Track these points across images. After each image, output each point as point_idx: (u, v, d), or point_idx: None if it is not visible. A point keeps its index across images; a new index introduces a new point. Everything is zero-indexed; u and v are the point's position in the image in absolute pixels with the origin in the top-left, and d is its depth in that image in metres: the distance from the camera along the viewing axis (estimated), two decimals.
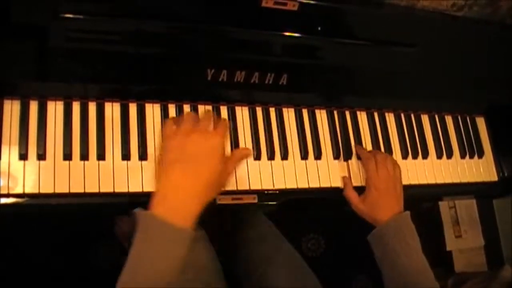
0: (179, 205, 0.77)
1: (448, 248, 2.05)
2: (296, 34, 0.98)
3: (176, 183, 0.79)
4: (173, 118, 0.98)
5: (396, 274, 0.97)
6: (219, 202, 0.99)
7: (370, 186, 1.04)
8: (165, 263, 0.74)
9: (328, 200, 1.14)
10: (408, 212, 1.03)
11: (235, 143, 1.04)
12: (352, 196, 1.06)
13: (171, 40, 0.94)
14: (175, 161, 0.80)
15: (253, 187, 1.02)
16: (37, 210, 0.93)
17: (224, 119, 0.96)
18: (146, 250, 0.75)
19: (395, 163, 1.08)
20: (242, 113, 1.07)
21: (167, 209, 0.76)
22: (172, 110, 1.02)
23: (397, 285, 0.95)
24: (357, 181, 1.11)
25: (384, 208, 1.02)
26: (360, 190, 1.08)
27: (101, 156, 0.94)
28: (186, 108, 1.03)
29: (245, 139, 1.05)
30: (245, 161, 1.03)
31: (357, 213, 1.06)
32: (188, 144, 0.81)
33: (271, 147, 1.06)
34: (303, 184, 1.07)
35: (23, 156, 0.90)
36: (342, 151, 1.12)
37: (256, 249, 1.15)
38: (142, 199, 0.95)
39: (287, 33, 0.98)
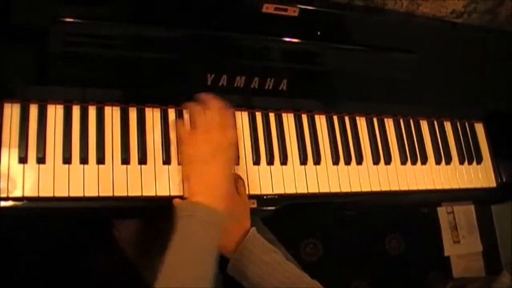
0: (212, 195, 0.85)
1: (446, 253, 2.05)
2: (296, 40, 0.99)
3: (207, 176, 0.87)
4: (181, 121, 1.00)
5: None
6: None
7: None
8: (208, 246, 0.81)
9: (326, 205, 1.14)
10: (253, 229, 0.93)
11: None
12: None
13: (171, 45, 0.94)
14: (204, 158, 0.88)
15: (252, 192, 1.02)
16: (36, 213, 0.93)
17: (228, 108, 0.97)
18: (194, 234, 0.80)
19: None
20: (242, 118, 1.07)
21: (205, 197, 0.84)
22: (171, 114, 1.02)
23: None
24: (356, 187, 1.11)
25: (227, 233, 0.89)
26: (361, 195, 1.08)
27: (100, 160, 0.94)
28: (185, 113, 1.03)
29: (244, 144, 1.05)
30: (244, 166, 1.03)
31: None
32: (213, 142, 0.89)
33: (271, 152, 1.06)
34: (302, 189, 1.07)
35: (22, 160, 0.90)
36: (341, 156, 1.12)
37: None
38: (142, 203, 0.95)
39: (287, 39, 0.99)
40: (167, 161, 0.98)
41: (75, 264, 1.56)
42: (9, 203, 0.88)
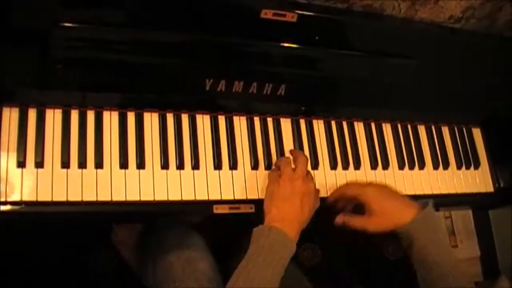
0: (288, 227, 0.91)
1: None
2: (295, 45, 0.99)
3: (286, 214, 0.93)
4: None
5: (428, 268, 0.95)
6: (216, 211, 0.99)
7: (369, 205, 1.01)
8: (278, 270, 0.87)
9: (324, 210, 1.14)
10: (430, 206, 0.99)
11: (232, 153, 1.04)
12: (357, 221, 1.02)
13: (170, 50, 0.94)
14: (286, 199, 0.94)
15: (250, 197, 1.03)
16: (34, 217, 0.93)
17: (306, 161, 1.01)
18: (264, 253, 0.87)
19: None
20: (240, 123, 1.07)
21: (283, 225, 0.91)
22: (170, 119, 1.02)
23: (431, 278, 0.95)
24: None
25: (398, 209, 0.99)
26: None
27: (99, 164, 0.94)
28: (184, 117, 1.03)
29: (242, 149, 1.05)
30: (242, 170, 1.04)
31: (373, 231, 1.01)
32: (295, 188, 0.95)
33: (269, 157, 1.06)
34: None
35: (21, 164, 0.90)
36: (339, 161, 1.13)
37: None
38: (139, 208, 0.95)
39: (285, 44, 0.99)
40: (165, 166, 0.98)
41: (74, 267, 1.56)
42: (7, 207, 0.88)
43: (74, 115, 0.96)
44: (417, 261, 0.97)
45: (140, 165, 0.97)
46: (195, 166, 1.01)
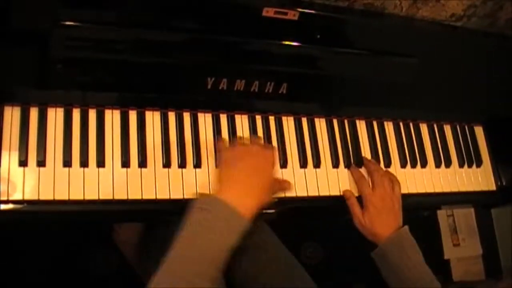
0: (241, 198, 0.83)
1: (446, 257, 2.05)
2: (296, 44, 0.99)
3: (238, 181, 0.86)
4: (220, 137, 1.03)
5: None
6: None
7: (368, 204, 1.05)
8: (217, 247, 0.79)
9: (326, 208, 1.14)
10: (406, 227, 1.04)
11: None
12: (356, 210, 1.06)
13: (172, 49, 0.94)
14: (237, 164, 0.88)
15: None
16: (36, 216, 0.93)
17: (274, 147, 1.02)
18: (206, 230, 0.79)
19: (394, 180, 1.09)
20: (242, 122, 1.07)
21: (230, 198, 0.82)
22: (172, 118, 1.02)
23: None
24: (356, 190, 1.11)
25: (382, 223, 1.03)
26: (358, 200, 1.08)
27: (100, 163, 0.94)
28: (186, 116, 1.03)
29: None
30: None
31: (358, 227, 1.07)
32: (250, 153, 0.90)
33: None
34: (302, 193, 1.07)
35: (23, 163, 0.90)
36: (341, 160, 1.12)
37: (255, 257, 1.14)
38: (141, 206, 0.95)
39: (287, 43, 0.99)
40: (167, 164, 0.98)
41: (74, 266, 1.56)
42: (9, 206, 0.88)
43: (76, 114, 0.96)
44: (392, 281, 1.02)
45: (142, 163, 0.97)
46: (197, 164, 1.01)
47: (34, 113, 0.94)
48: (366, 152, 1.16)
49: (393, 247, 1.01)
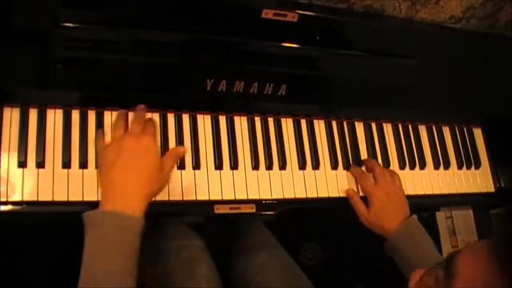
0: (124, 201, 0.79)
1: None
2: (296, 45, 0.99)
3: (118, 183, 0.81)
4: (101, 130, 0.97)
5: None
6: (217, 211, 0.99)
7: (373, 199, 1.06)
8: (120, 252, 0.76)
9: (325, 210, 1.14)
10: (414, 216, 1.05)
11: (233, 153, 1.04)
12: (361, 207, 1.07)
13: (171, 50, 0.94)
14: (113, 164, 0.82)
15: (251, 197, 1.03)
16: (35, 217, 0.93)
17: (151, 119, 0.94)
18: (102, 244, 0.76)
19: (393, 174, 1.10)
20: (241, 123, 1.07)
21: (115, 205, 0.79)
22: (171, 119, 1.02)
23: None
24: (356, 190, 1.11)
25: (390, 216, 1.04)
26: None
27: None
28: (185, 117, 1.03)
29: (243, 149, 1.05)
30: (243, 170, 1.03)
31: (365, 224, 1.07)
32: (122, 148, 0.83)
33: (269, 157, 1.06)
34: (301, 194, 1.07)
35: (22, 164, 0.90)
36: (340, 161, 1.13)
37: (253, 258, 1.15)
38: None
39: (286, 44, 0.99)
40: None
41: (74, 266, 1.56)
42: (8, 207, 0.88)
43: (75, 115, 0.96)
44: (406, 271, 1.02)
45: None
46: (196, 166, 1.01)
47: (33, 114, 0.94)
48: (365, 153, 1.16)
49: (403, 238, 1.03)
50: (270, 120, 1.10)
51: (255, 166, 1.05)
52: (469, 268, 0.62)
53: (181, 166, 0.99)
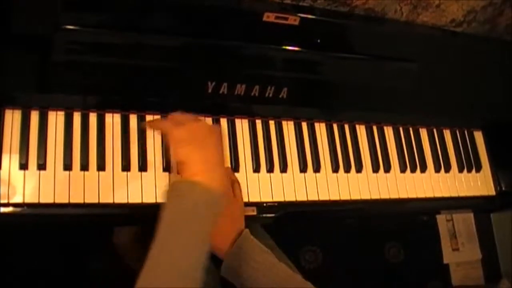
0: (210, 174, 0.79)
1: (445, 261, 2.05)
2: (297, 49, 0.99)
3: (203, 156, 0.80)
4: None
5: None
6: None
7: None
8: (205, 230, 0.75)
9: (326, 213, 1.14)
10: (246, 230, 0.93)
11: (234, 155, 1.04)
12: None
13: (172, 53, 0.95)
14: (195, 139, 0.82)
15: (252, 200, 1.03)
16: (36, 219, 0.93)
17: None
18: (187, 218, 0.75)
19: (234, 181, 1.00)
20: (242, 126, 1.07)
21: (203, 177, 0.78)
22: None
23: None
24: (355, 195, 1.11)
25: (221, 234, 0.90)
26: (360, 203, 1.08)
27: (101, 166, 0.94)
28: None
29: (244, 152, 1.06)
30: (244, 173, 1.04)
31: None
32: (192, 129, 0.84)
33: (270, 160, 1.07)
34: (301, 197, 1.07)
35: (23, 166, 0.90)
36: (341, 164, 1.13)
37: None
38: (142, 210, 0.95)
39: (288, 48, 0.99)
40: (167, 168, 0.98)
41: (75, 269, 1.56)
42: (10, 209, 0.88)
43: (77, 117, 0.96)
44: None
45: (142, 167, 0.97)
46: None
47: (35, 116, 0.94)
48: (366, 156, 1.16)
49: (237, 258, 0.89)
50: (271, 123, 1.10)
51: (256, 169, 1.05)
52: None
53: None
